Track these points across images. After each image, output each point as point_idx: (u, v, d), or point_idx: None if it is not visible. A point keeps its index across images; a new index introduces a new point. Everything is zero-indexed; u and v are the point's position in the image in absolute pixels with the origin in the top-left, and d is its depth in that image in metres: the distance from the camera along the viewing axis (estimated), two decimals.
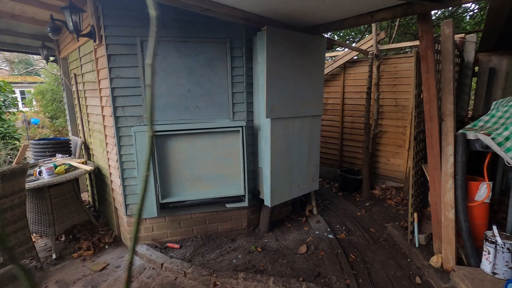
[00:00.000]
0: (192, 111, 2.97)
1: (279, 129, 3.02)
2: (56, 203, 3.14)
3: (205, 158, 3.03)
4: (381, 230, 3.51)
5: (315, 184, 3.65)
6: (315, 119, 3.45)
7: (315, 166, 3.59)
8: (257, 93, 3.08)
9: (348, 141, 5.20)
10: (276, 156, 3.05)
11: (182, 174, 3.01)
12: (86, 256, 3.06)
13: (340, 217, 3.88)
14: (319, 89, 3.41)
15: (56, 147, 3.74)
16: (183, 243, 3.18)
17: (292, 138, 3.21)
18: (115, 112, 2.81)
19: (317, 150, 3.56)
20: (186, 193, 3.05)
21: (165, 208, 2.99)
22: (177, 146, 2.95)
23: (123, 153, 2.91)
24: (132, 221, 3.10)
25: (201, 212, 3.25)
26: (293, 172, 3.30)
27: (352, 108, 5.04)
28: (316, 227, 3.54)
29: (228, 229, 3.38)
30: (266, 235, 3.36)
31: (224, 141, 3.03)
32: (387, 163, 4.75)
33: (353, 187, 4.81)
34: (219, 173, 3.09)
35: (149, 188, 2.83)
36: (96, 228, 3.55)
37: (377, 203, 4.34)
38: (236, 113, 3.10)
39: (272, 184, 3.07)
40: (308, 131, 3.38)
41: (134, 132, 2.71)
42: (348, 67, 5.01)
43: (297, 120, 3.21)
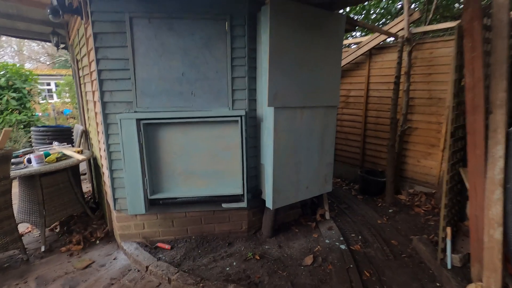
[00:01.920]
0: (186, 97, 2.65)
1: (284, 120, 2.60)
2: (48, 193, 2.99)
3: (200, 151, 2.69)
4: (405, 243, 2.97)
5: (327, 185, 3.19)
6: (330, 110, 2.98)
7: (328, 165, 3.12)
8: (260, 78, 2.68)
9: (372, 138, 4.63)
10: (280, 151, 2.64)
11: (174, 168, 2.71)
12: (74, 250, 2.88)
13: (356, 225, 3.39)
14: (335, 75, 2.93)
15: (56, 134, 3.62)
16: (175, 244, 2.89)
17: (300, 131, 2.77)
18: (102, 97, 2.56)
19: (331, 147, 3.10)
20: (178, 189, 2.75)
21: (155, 205, 2.70)
22: (169, 137, 2.64)
23: (111, 143, 2.66)
24: (122, 216, 2.87)
25: (196, 211, 2.94)
26: (301, 171, 2.86)
27: (377, 101, 4.46)
28: (327, 234, 3.09)
29: (226, 231, 3.04)
30: (268, 241, 2.98)
31: (221, 132, 2.67)
32: (416, 164, 4.13)
33: (375, 190, 4.26)
34: (215, 169, 2.75)
35: (136, 182, 2.56)
36: (91, 221, 3.38)
37: (402, 210, 3.77)
38: (236, 101, 2.72)
39: (275, 184, 2.67)
40: (320, 124, 2.92)
41: (120, 119, 2.44)
42: (375, 54, 4.42)
43: (306, 110, 2.76)
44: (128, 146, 2.49)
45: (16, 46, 30.08)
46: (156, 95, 2.61)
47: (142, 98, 2.60)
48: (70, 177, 3.22)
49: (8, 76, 7.03)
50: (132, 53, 2.50)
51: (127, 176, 2.54)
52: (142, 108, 2.61)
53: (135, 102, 2.60)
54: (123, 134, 2.47)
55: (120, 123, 2.44)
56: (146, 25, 2.48)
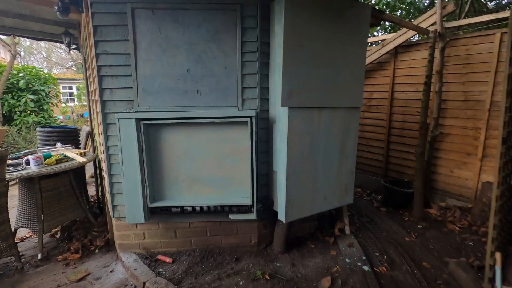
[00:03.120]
0: (191, 96, 2.41)
1: (299, 122, 2.30)
2: (47, 197, 2.83)
3: (206, 155, 2.44)
4: (439, 267, 2.56)
5: (348, 196, 2.83)
6: (352, 112, 2.65)
7: (350, 173, 2.77)
8: (273, 75, 2.40)
9: (397, 145, 4.21)
10: (295, 157, 2.33)
11: (177, 174, 2.46)
12: (71, 260, 2.69)
13: (381, 241, 2.99)
14: (358, 73, 2.60)
15: (61, 136, 3.50)
16: (177, 257, 2.63)
17: (318, 135, 2.45)
18: (101, 95, 2.37)
19: (352, 153, 2.75)
20: (181, 197, 2.50)
21: (156, 214, 2.46)
22: (172, 139, 2.41)
23: (110, 144, 2.46)
24: (121, 224, 2.65)
25: (201, 221, 2.67)
26: (318, 179, 2.54)
27: (403, 104, 4.05)
28: (347, 252, 2.73)
29: (233, 244, 2.75)
30: (281, 257, 2.66)
31: (229, 135, 2.41)
32: (449, 175, 3.68)
33: (400, 203, 3.83)
34: (222, 175, 2.48)
35: (135, 188, 2.33)
36: (92, 228, 3.19)
37: (433, 227, 3.33)
38: (247, 101, 2.45)
39: (288, 194, 2.36)
40: (340, 128, 2.59)
41: (118, 119, 2.22)
42: (401, 53, 4.03)
43: (325, 111, 2.45)
44: (126, 148, 2.27)
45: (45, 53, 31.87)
46: (159, 93, 2.39)
47: (144, 96, 2.39)
48: (71, 180, 3.06)
49: (27, 78, 7.16)
50: (134, 47, 2.30)
51: (126, 181, 2.32)
52: (143, 108, 2.40)
53: (137, 100, 2.39)
54: (121, 135, 2.25)
55: (118, 123, 2.23)
56: (149, 17, 2.27)
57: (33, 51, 34.90)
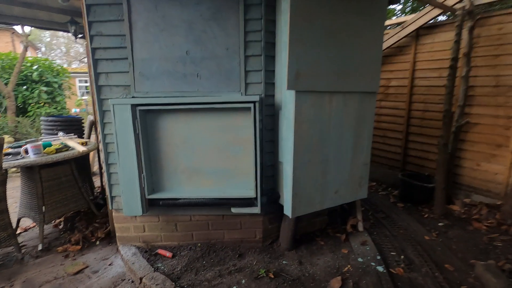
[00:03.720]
0: (191, 80, 2.24)
1: (308, 107, 2.08)
2: (48, 186, 2.76)
3: (206, 144, 2.27)
4: (463, 270, 2.31)
5: (362, 190, 2.60)
6: (367, 97, 2.40)
7: (364, 166, 2.54)
8: (280, 56, 2.19)
9: (416, 136, 3.90)
10: (302, 147, 2.12)
11: (176, 164, 2.31)
12: (71, 251, 2.62)
13: (397, 240, 2.75)
14: (375, 52, 2.34)
15: (65, 125, 3.43)
16: (178, 251, 2.51)
17: (329, 123, 2.23)
18: (97, 80, 2.24)
19: (367, 144, 2.51)
20: (180, 189, 2.35)
21: (154, 206, 2.34)
22: (170, 127, 2.25)
23: (107, 133, 2.33)
24: (120, 216, 2.54)
25: (202, 215, 2.52)
26: (329, 171, 2.32)
27: (425, 92, 3.73)
28: (360, 251, 2.51)
29: (237, 239, 2.59)
30: (287, 255, 2.48)
31: (232, 122, 2.23)
32: (475, 168, 3.35)
33: (419, 198, 3.55)
34: (224, 166, 2.31)
35: (131, 179, 2.20)
36: (95, 219, 3.12)
37: (456, 225, 3.05)
38: (250, 85, 2.25)
39: (295, 186, 2.16)
40: (354, 115, 2.35)
41: (113, 105, 2.09)
42: (423, 35, 3.69)
43: (337, 96, 2.21)
44: (122, 136, 2.14)
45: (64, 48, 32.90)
46: (157, 78, 2.23)
47: (141, 81, 2.24)
48: (73, 170, 2.98)
49: (40, 70, 7.22)
50: (130, 28, 2.14)
51: (122, 171, 2.19)
52: (140, 93, 2.25)
53: (133, 85, 2.24)
54: (116, 122, 2.12)
55: (113, 109, 2.09)
56: None
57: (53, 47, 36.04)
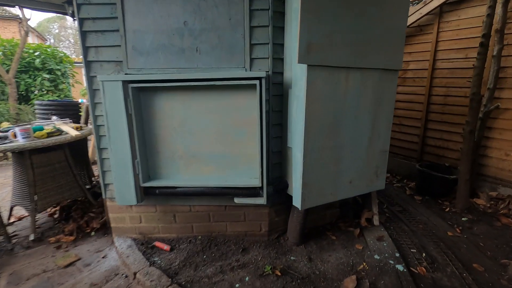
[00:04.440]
0: (189, 55, 2.00)
1: (321, 84, 1.82)
2: (40, 173, 2.59)
3: (207, 127, 2.04)
4: (494, 270, 2.05)
5: (379, 181, 2.35)
6: (387, 76, 2.12)
7: (382, 153, 2.27)
8: (290, 26, 1.92)
9: (436, 124, 3.59)
10: (314, 130, 1.87)
11: (173, 149, 2.10)
12: (64, 242, 2.45)
13: (417, 236, 2.50)
14: (398, 24, 2.04)
15: (60, 109, 3.25)
16: (176, 244, 2.32)
17: (344, 103, 1.97)
18: (85, 55, 2.02)
19: (386, 129, 2.24)
20: (178, 177, 2.14)
21: (150, 195, 2.13)
22: (167, 107, 2.03)
23: (98, 114, 2.12)
24: (115, 206, 2.35)
25: (203, 205, 2.32)
26: (343, 159, 2.07)
27: (448, 75, 3.40)
28: (376, 247, 2.28)
29: (241, 232, 2.38)
30: (295, 250, 2.26)
31: (235, 102, 1.99)
32: (504, 159, 3.05)
33: (439, 190, 3.28)
34: (226, 152, 2.08)
35: (124, 165, 2.00)
36: (91, 209, 2.95)
37: (481, 220, 2.78)
38: (256, 61, 2.00)
39: (306, 175, 1.92)
40: (372, 95, 2.08)
41: (102, 81, 1.86)
42: (448, 12, 3.34)
43: (354, 73, 1.94)
44: (113, 117, 1.92)
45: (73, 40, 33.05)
46: (151, 53, 1.99)
47: (134, 56, 2.01)
48: (67, 157, 2.80)
49: (42, 57, 7.07)
50: None
51: (113, 156, 1.99)
52: (134, 70, 2.02)
53: (126, 61, 2.01)
54: (106, 101, 1.90)
55: (102, 86, 1.87)
56: None
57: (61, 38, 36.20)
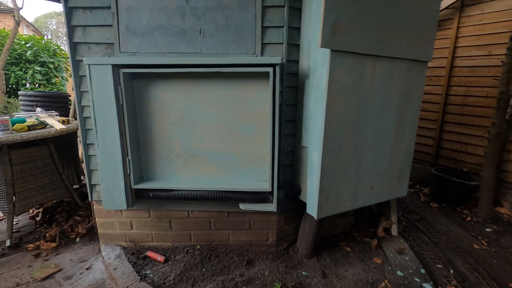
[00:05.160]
0: (192, 38, 1.73)
1: (344, 74, 1.56)
2: (20, 171, 2.30)
3: (209, 120, 1.78)
4: None
5: (402, 187, 2.09)
6: (416, 68, 1.86)
7: (406, 155, 2.02)
8: (309, 7, 1.66)
9: (454, 126, 3.36)
10: (335, 127, 1.61)
11: (171, 146, 1.83)
12: (44, 249, 2.17)
13: (440, 248, 2.25)
14: (432, 8, 1.80)
15: (47, 101, 2.96)
16: (172, 254, 2.04)
17: (369, 97, 1.71)
18: (71, 35, 1.74)
19: (412, 128, 1.99)
20: (175, 178, 1.87)
21: (143, 198, 1.86)
22: (164, 98, 1.76)
23: (84, 104, 1.85)
24: (102, 210, 2.07)
25: (203, 210, 2.05)
26: (364, 161, 1.81)
27: (468, 73, 3.17)
28: (397, 261, 2.02)
29: (245, 242, 2.11)
30: (307, 263, 1.99)
31: (243, 92, 1.72)
32: None
33: (457, 197, 3.03)
34: (230, 150, 1.81)
35: (113, 163, 1.72)
36: (78, 211, 2.67)
37: (507, 231, 2.53)
38: (268, 46, 1.74)
39: (323, 179, 1.66)
40: (399, 89, 1.83)
41: (88, 65, 1.59)
42: (469, 6, 3.11)
43: (381, 63, 1.69)
44: (101, 107, 1.64)
45: None
46: (147, 34, 1.72)
47: (128, 38, 1.73)
48: (52, 153, 2.51)
49: (35, 49, 6.76)
50: None
51: (101, 153, 1.71)
52: (127, 54, 1.75)
53: (118, 43, 1.74)
54: (93, 88, 1.62)
55: (89, 71, 1.60)
56: None
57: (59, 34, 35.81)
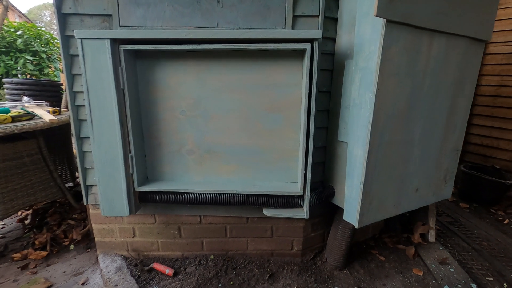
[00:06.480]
0: (207, 8, 1.42)
1: (399, 52, 1.27)
2: (4, 168, 1.99)
3: (228, 110, 1.48)
4: None
5: (447, 188, 1.82)
6: (474, 48, 1.57)
7: (454, 152, 1.74)
8: None
9: (484, 119, 3.08)
10: (384, 117, 1.32)
11: (181, 140, 1.53)
12: (32, 259, 1.87)
13: (484, 257, 1.99)
14: None
15: (36, 90, 2.64)
16: (182, 266, 1.76)
17: (423, 81, 1.42)
18: (59, 5, 1.42)
19: (463, 120, 1.71)
20: (187, 178, 1.58)
21: (148, 201, 1.57)
22: (174, 82, 1.45)
23: (77, 90, 1.54)
24: (98, 214, 1.78)
25: (218, 216, 1.76)
26: (412, 158, 1.53)
27: (503, 60, 2.89)
28: (441, 273, 1.75)
29: (266, 251, 1.84)
30: (338, 276, 1.72)
31: (268, 76, 1.42)
32: None
33: (490, 197, 2.77)
34: (253, 145, 1.52)
35: (112, 161, 1.42)
36: (72, 213, 2.37)
37: None
38: (301, 20, 1.44)
39: (368, 181, 1.37)
40: (454, 72, 1.54)
41: (81, 39, 1.28)
42: None
43: (439, 39, 1.39)
44: (97, 93, 1.34)
45: None
46: (153, 4, 1.41)
47: (129, 8, 1.42)
48: (42, 148, 2.21)
49: (25, 37, 6.35)
50: None
51: (97, 148, 1.41)
52: (129, 28, 1.44)
53: (117, 15, 1.43)
54: (87, 69, 1.31)
55: (81, 46, 1.29)
56: None
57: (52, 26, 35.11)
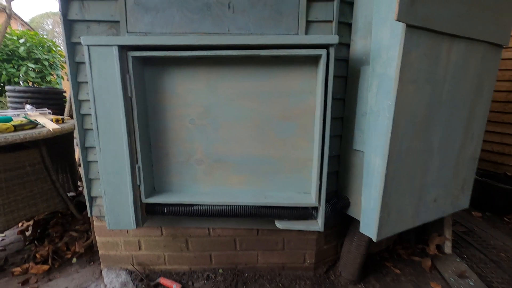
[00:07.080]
0: (218, 13, 1.38)
1: (419, 57, 1.22)
2: (5, 179, 1.94)
3: (239, 118, 1.42)
4: None
5: (464, 198, 1.75)
6: (492, 53, 1.53)
7: (471, 161, 1.68)
8: None
9: (494, 125, 3.03)
10: (404, 124, 1.27)
11: (190, 150, 1.47)
12: (33, 274, 1.80)
13: (503, 268, 1.91)
14: None
15: (38, 98, 2.59)
16: (189, 280, 1.68)
17: (442, 87, 1.37)
18: (65, 12, 1.38)
19: (481, 128, 1.65)
20: (195, 189, 1.51)
21: (155, 214, 1.50)
22: (182, 89, 1.40)
23: (83, 98, 1.49)
24: (103, 227, 1.71)
25: (227, 228, 1.69)
26: (430, 167, 1.47)
27: (511, 66, 2.84)
28: (461, 287, 1.67)
29: (277, 264, 1.76)
30: None
31: (281, 83, 1.37)
32: None
33: (502, 205, 2.70)
34: (265, 155, 1.46)
35: (118, 172, 1.36)
36: (74, 224, 2.30)
37: None
38: (314, 25, 1.39)
39: (387, 191, 1.31)
40: (473, 78, 1.49)
41: (88, 46, 1.23)
42: None
43: (458, 45, 1.34)
44: (104, 101, 1.29)
45: None
46: (162, 9, 1.37)
47: (137, 14, 1.38)
48: (44, 158, 2.15)
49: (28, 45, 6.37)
50: None
51: (103, 158, 1.35)
52: (137, 34, 1.40)
53: (125, 22, 1.39)
54: (94, 77, 1.26)
55: (88, 53, 1.24)
56: None
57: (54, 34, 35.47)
